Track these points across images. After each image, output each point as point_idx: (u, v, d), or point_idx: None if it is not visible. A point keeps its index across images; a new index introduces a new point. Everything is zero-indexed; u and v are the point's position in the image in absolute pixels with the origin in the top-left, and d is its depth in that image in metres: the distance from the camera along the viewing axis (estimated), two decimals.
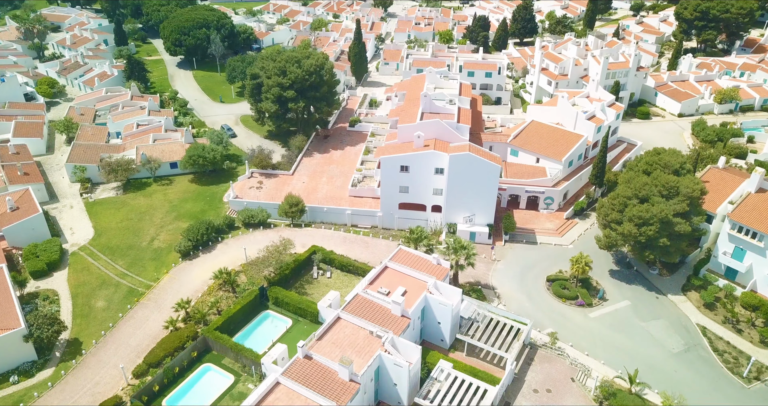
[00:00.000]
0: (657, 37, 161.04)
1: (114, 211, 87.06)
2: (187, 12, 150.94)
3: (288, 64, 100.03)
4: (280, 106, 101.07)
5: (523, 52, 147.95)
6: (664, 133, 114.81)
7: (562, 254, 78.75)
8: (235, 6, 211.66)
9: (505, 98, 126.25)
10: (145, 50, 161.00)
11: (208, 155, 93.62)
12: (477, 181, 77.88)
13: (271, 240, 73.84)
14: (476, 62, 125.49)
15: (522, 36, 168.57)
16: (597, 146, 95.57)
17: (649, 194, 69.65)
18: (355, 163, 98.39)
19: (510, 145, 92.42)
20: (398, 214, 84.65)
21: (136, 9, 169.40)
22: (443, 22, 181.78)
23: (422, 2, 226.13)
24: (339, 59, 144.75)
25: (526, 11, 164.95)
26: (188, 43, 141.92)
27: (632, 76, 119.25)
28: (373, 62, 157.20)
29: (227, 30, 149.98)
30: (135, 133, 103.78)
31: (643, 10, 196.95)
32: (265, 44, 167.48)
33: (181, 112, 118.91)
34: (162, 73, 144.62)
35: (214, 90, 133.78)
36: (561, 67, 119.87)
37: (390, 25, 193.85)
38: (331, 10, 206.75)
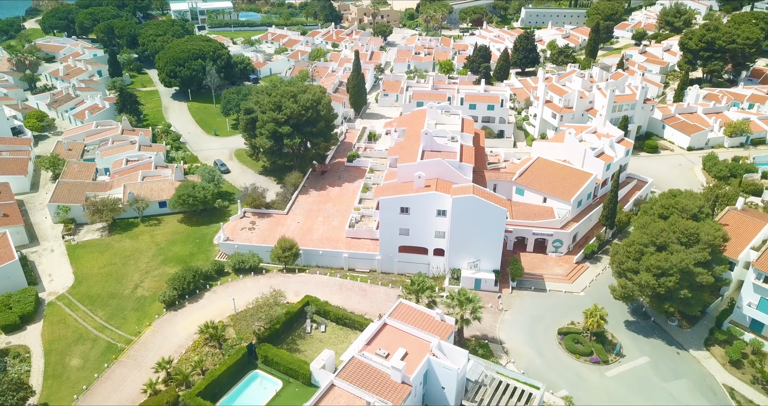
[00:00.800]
0: (661, 67, 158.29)
1: (97, 255, 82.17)
2: (182, 43, 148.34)
3: (283, 98, 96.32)
4: (275, 141, 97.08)
5: (526, 83, 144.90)
6: (674, 167, 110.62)
7: (573, 302, 73.66)
8: (233, 35, 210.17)
9: (508, 131, 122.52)
10: (140, 81, 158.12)
11: (199, 194, 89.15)
12: (482, 225, 73.23)
13: (261, 292, 68.71)
14: (478, 95, 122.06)
15: (524, 66, 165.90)
16: (606, 184, 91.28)
17: (667, 242, 64.87)
18: (353, 201, 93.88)
19: (515, 184, 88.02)
20: (398, 257, 79.81)
21: (132, 39, 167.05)
22: (443, 51, 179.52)
23: (422, 31, 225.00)
24: (337, 91, 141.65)
25: (527, 41, 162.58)
26: (183, 75, 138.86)
27: (639, 108, 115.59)
28: (372, 93, 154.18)
29: (223, 61, 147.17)
30: (124, 170, 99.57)
31: (645, 39, 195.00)
32: (262, 74, 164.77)
33: (173, 147, 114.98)
34: (156, 104, 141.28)
35: (208, 122, 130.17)
36: (565, 99, 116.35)
37: (390, 55, 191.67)
38: (330, 39, 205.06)
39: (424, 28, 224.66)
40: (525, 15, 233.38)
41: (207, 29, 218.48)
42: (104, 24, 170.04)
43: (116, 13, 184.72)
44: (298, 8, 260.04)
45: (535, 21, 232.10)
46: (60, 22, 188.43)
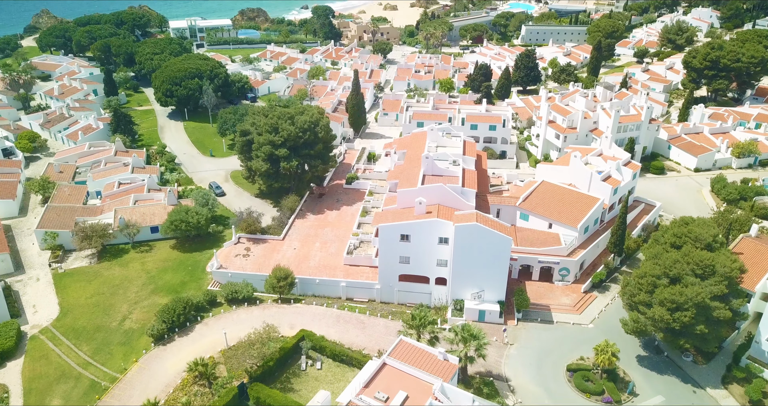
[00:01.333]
0: (665, 85, 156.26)
1: (85, 283, 78.86)
2: (179, 61, 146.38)
3: (280, 120, 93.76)
4: (271, 164, 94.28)
5: (528, 102, 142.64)
6: (681, 190, 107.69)
7: (581, 335, 70.22)
8: (232, 53, 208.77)
9: (511, 152, 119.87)
10: (136, 100, 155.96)
11: (192, 220, 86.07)
12: (486, 254, 70.09)
13: (254, 327, 65.19)
14: (479, 115, 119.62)
15: (525, 84, 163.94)
16: (613, 209, 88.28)
17: (681, 273, 61.65)
18: (352, 225, 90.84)
19: (520, 209, 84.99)
20: (398, 286, 76.55)
21: (129, 58, 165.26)
22: (444, 69, 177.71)
23: (422, 48, 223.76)
24: (336, 110, 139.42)
25: (529, 59, 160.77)
26: (179, 94, 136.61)
27: (644, 129, 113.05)
28: (372, 112, 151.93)
29: (221, 79, 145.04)
30: (115, 194, 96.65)
31: (647, 57, 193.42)
32: (261, 93, 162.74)
33: (168, 168, 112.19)
34: (152, 124, 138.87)
35: (204, 143, 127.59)
36: (569, 120, 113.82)
37: (389, 73, 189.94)
38: (329, 56, 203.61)
39: (424, 46, 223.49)
40: (525, 32, 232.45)
41: (206, 47, 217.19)
42: (101, 42, 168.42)
43: (114, 31, 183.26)
44: (297, 26, 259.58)
45: (535, 38, 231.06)
46: (57, 41, 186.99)
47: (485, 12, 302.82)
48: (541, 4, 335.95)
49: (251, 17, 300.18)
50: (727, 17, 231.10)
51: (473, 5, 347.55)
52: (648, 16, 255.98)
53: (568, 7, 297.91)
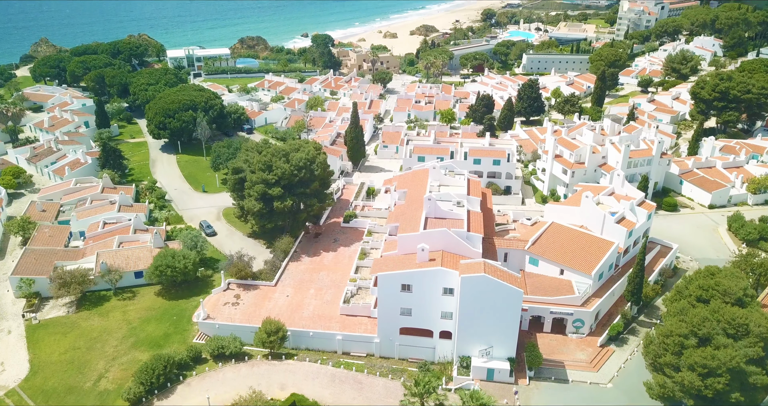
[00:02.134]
0: (672, 116, 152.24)
1: (60, 337, 72.94)
2: (174, 93, 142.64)
3: (274, 158, 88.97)
4: (264, 204, 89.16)
5: (532, 134, 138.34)
6: (697, 229, 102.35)
7: (600, 396, 64.14)
8: (230, 82, 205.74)
9: (516, 187, 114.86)
10: (129, 131, 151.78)
11: (179, 265, 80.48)
12: (495, 308, 64.45)
13: (239, 393, 59.12)
14: (482, 149, 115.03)
15: (528, 114, 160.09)
16: (628, 252, 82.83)
17: (711, 333, 55.91)
18: (349, 269, 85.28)
19: (529, 253, 79.52)
20: (399, 340, 70.68)
21: (123, 88, 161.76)
22: (444, 100, 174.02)
23: (422, 78, 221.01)
24: (335, 143, 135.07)
25: (532, 89, 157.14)
26: (173, 126, 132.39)
27: (656, 164, 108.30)
28: (371, 144, 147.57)
29: (216, 111, 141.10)
30: (99, 235, 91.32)
31: (651, 86, 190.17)
32: (257, 124, 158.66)
33: (157, 206, 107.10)
34: (143, 157, 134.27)
35: (197, 177, 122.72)
36: (577, 154, 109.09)
37: (389, 103, 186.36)
38: (328, 86, 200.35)
39: (424, 75, 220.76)
40: (526, 61, 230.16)
41: (203, 76, 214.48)
42: (95, 73, 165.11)
43: (108, 61, 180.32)
44: (296, 54, 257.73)
45: (537, 67, 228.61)
46: (51, 71, 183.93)
47: (485, 40, 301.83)
48: (541, 33, 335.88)
49: (251, 45, 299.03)
50: (730, 46, 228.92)
51: (473, 33, 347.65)
52: (649, 45, 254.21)
53: (568, 35, 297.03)
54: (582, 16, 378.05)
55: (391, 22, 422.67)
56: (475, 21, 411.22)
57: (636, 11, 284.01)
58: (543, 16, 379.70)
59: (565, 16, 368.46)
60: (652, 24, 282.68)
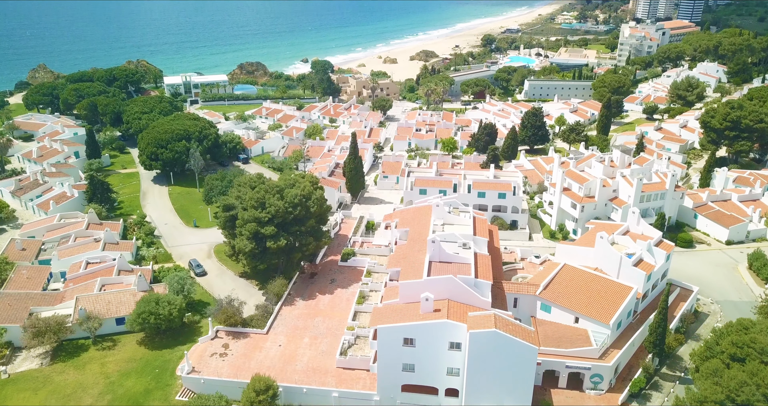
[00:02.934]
0: (680, 145, 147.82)
1: (29, 394, 66.77)
2: (167, 122, 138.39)
3: (268, 194, 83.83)
4: (256, 243, 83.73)
5: (537, 164, 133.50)
6: (715, 267, 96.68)
7: None
8: (227, 109, 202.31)
9: (522, 221, 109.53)
10: (121, 161, 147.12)
11: (163, 311, 74.63)
12: (506, 365, 58.61)
13: None
14: (487, 182, 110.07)
15: (532, 143, 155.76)
16: (646, 296, 77.09)
17: (750, 400, 49.90)
18: (347, 314, 79.44)
19: (540, 299, 73.75)
20: (401, 398, 64.70)
21: (116, 117, 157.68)
22: (446, 128, 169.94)
23: (423, 104, 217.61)
24: (333, 174, 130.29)
25: (536, 118, 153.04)
26: (165, 157, 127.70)
27: (669, 198, 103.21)
28: (371, 174, 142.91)
29: (210, 141, 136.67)
30: (80, 276, 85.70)
31: (656, 113, 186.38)
32: (254, 153, 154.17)
33: (145, 243, 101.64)
34: (134, 189, 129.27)
35: (189, 211, 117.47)
36: (586, 188, 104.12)
37: (389, 130, 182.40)
38: (327, 113, 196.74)
39: (424, 102, 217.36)
40: (528, 87, 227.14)
41: (200, 103, 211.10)
42: (87, 101, 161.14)
43: (103, 89, 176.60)
44: (295, 81, 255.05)
45: (539, 93, 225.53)
46: (44, 98, 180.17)
47: (486, 66, 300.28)
48: (542, 58, 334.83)
49: (250, 71, 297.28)
50: (734, 72, 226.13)
51: (473, 59, 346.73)
52: (652, 71, 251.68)
53: (569, 61, 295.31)
54: (582, 41, 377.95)
55: (391, 48, 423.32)
56: (474, 46, 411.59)
57: (637, 37, 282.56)
58: (543, 42, 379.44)
59: (565, 42, 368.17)
60: (653, 50, 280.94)
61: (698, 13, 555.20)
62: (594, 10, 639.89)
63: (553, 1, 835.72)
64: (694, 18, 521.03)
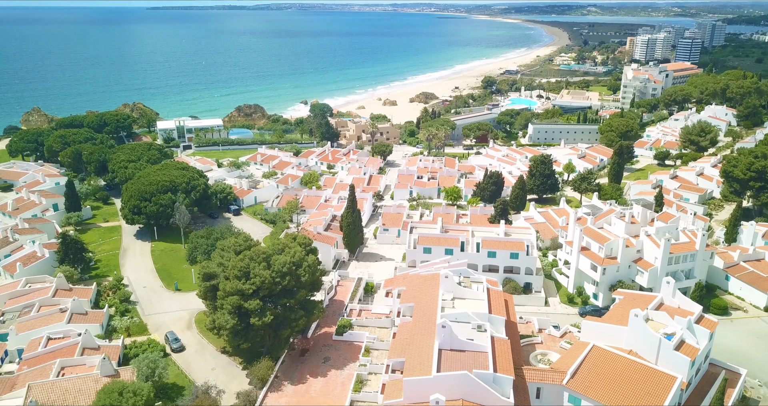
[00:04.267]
0: (699, 195, 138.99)
1: None
2: (154, 172, 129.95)
3: (253, 263, 74.11)
4: (239, 319, 73.52)
5: (548, 216, 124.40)
6: (756, 339, 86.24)
7: None
8: (221, 155, 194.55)
9: (537, 284, 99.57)
10: (104, 213, 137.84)
11: (127, 403, 63.78)
12: None
13: None
14: (497, 240, 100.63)
15: (541, 192, 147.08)
16: (690, 383, 66.32)
17: None
18: (343, 403, 68.51)
19: (568, 390, 63.07)
20: None
21: (101, 165, 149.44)
22: (449, 175, 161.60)
23: (424, 149, 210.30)
24: (329, 228, 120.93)
25: (545, 166, 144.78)
26: (149, 211, 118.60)
27: (700, 260, 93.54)
28: (370, 226, 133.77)
29: (199, 192, 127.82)
30: (39, 356, 75.04)
31: (668, 159, 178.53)
32: (246, 204, 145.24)
33: (119, 311, 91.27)
34: (114, 245, 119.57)
35: (171, 271, 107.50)
36: (607, 248, 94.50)
37: (390, 176, 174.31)
38: (325, 159, 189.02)
39: (425, 146, 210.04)
40: (533, 131, 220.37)
41: (193, 148, 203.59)
42: (72, 149, 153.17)
43: (90, 135, 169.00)
44: (293, 124, 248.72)
45: (543, 137, 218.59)
46: (28, 146, 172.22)
47: (487, 108, 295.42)
48: (543, 100, 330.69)
49: (248, 114, 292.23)
50: (744, 115, 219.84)
51: (474, 101, 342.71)
52: (659, 114, 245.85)
53: (572, 103, 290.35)
54: (583, 83, 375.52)
55: (391, 90, 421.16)
56: (474, 87, 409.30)
57: (641, 79, 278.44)
58: (544, 84, 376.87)
59: (566, 84, 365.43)
60: (658, 92, 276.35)
61: (696, 55, 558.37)
62: (592, 52, 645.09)
63: (550, 43, 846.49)
64: (692, 59, 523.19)
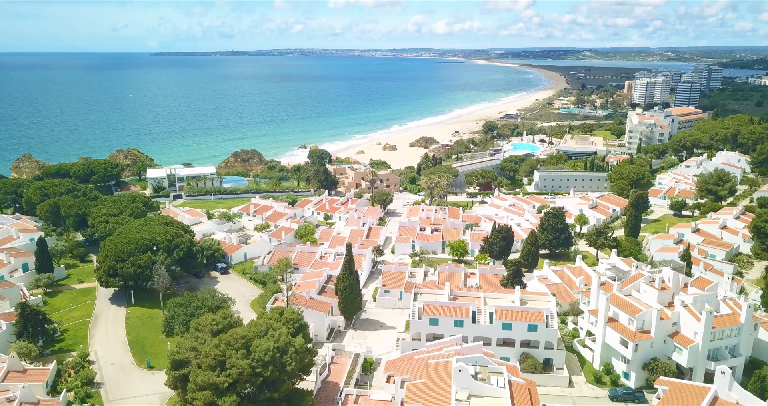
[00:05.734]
0: (725, 251, 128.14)
1: None
2: (135, 228, 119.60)
3: (230, 349, 62.70)
4: None
5: (564, 276, 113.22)
6: None
7: None
8: (212, 205, 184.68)
9: (558, 360, 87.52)
10: (80, 273, 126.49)
11: None
12: None
13: None
14: (513, 310, 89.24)
15: (553, 247, 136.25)
16: None
17: None
18: None
19: None
20: None
21: (81, 219, 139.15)
22: (453, 228, 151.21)
23: (425, 197, 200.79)
24: (324, 291, 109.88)
25: (557, 220, 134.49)
26: (125, 273, 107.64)
27: (746, 334, 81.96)
28: (369, 285, 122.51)
29: (182, 251, 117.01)
30: None
31: (685, 210, 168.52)
32: (235, 261, 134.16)
33: (78, 398, 78.93)
34: (85, 312, 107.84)
35: (145, 344, 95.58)
36: (639, 320, 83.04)
37: (390, 227, 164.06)
38: (322, 209, 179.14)
39: (427, 195, 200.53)
40: (539, 179, 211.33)
41: (183, 198, 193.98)
42: (50, 202, 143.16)
43: (72, 186, 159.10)
44: (290, 172, 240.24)
45: (550, 185, 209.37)
46: (7, 197, 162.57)
47: (489, 154, 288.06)
48: (546, 144, 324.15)
49: (245, 159, 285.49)
50: (759, 162, 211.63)
51: (475, 146, 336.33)
52: (668, 160, 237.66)
53: (576, 148, 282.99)
54: (586, 127, 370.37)
55: (390, 134, 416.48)
56: (474, 132, 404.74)
57: (647, 124, 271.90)
58: (546, 128, 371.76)
59: (569, 128, 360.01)
60: (665, 137, 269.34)
61: (695, 98, 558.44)
62: (590, 95, 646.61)
63: (548, 87, 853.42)
64: (692, 103, 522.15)
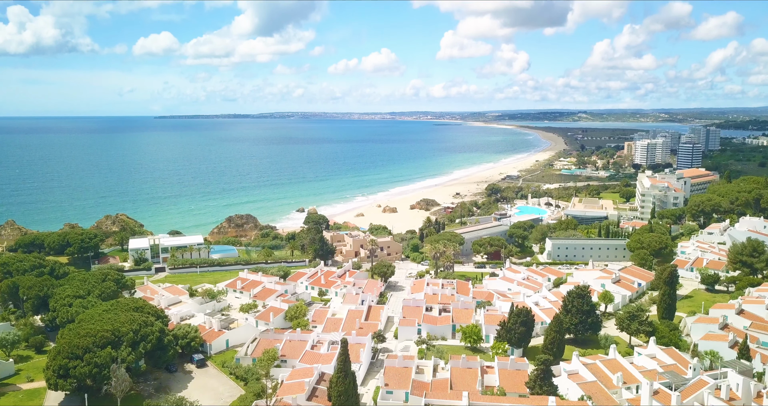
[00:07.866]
0: None
1: None
2: (98, 315, 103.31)
3: None
4: None
5: (598, 371, 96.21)
6: None
7: None
8: (197, 280, 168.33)
9: None
10: (32, 367, 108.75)
11: None
12: None
13: None
14: None
15: (579, 332, 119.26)
16: None
17: None
18: None
19: None
20: None
21: (42, 301, 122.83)
22: (464, 308, 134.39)
23: (430, 267, 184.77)
24: (314, 393, 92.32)
25: (582, 301, 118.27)
26: (79, 373, 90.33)
27: None
28: (368, 382, 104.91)
29: (151, 343, 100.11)
30: None
31: (718, 284, 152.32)
32: (215, 349, 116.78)
33: None
34: None
35: None
36: None
37: (392, 305, 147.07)
38: (317, 283, 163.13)
39: (431, 265, 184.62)
40: (552, 248, 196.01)
41: (167, 271, 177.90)
42: (8, 282, 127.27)
43: (38, 262, 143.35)
44: (284, 239, 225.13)
45: (564, 254, 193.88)
46: None
47: (494, 218, 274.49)
48: (553, 208, 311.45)
49: (239, 224, 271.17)
50: None
51: (478, 208, 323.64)
52: (688, 226, 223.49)
53: (586, 213, 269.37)
54: (593, 189, 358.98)
55: (390, 196, 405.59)
56: (476, 194, 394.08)
57: (660, 188, 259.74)
58: (552, 191, 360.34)
59: (575, 191, 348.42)
60: (680, 201, 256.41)
61: (698, 160, 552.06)
62: (590, 156, 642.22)
63: (547, 148, 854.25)
64: (695, 164, 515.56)
